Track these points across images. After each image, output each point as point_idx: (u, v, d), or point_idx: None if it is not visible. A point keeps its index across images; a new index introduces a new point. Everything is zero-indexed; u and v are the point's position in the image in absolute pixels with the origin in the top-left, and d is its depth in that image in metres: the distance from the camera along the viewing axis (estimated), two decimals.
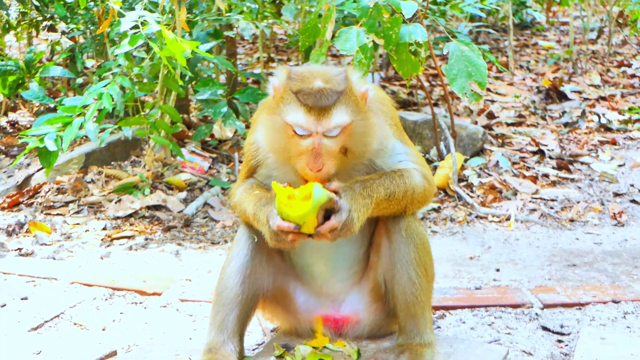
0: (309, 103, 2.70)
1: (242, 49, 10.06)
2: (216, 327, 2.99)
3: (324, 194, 2.65)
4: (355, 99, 2.77)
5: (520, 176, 5.92)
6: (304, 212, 2.64)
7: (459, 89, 4.78)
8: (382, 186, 2.82)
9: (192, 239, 4.89)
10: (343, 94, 2.74)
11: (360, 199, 2.75)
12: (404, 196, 2.87)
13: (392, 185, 2.84)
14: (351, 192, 2.74)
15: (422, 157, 3.10)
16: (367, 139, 2.82)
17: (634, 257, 4.57)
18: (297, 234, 2.69)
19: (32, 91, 5.88)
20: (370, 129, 2.81)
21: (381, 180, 2.84)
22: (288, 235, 2.70)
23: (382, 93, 3.08)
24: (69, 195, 5.45)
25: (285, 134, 2.77)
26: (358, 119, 2.77)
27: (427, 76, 8.54)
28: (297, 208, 2.65)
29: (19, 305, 3.81)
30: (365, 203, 2.76)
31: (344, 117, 2.72)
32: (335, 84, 2.74)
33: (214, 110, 5.52)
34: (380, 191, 2.81)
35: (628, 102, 8.25)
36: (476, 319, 3.63)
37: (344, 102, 2.73)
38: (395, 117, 3.04)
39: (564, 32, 11.89)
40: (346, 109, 2.73)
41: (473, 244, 4.81)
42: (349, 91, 2.76)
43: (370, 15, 4.72)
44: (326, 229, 2.68)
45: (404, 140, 3.04)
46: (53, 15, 7.14)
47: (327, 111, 2.70)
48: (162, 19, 5.05)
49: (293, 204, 2.66)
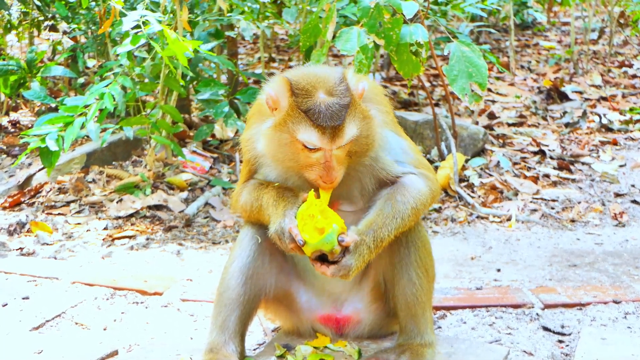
0: (322, 124, 2.69)
1: (243, 49, 10.06)
2: (218, 327, 3.00)
3: (331, 244, 2.67)
4: (359, 107, 2.78)
5: (521, 176, 5.93)
6: (307, 239, 2.68)
7: (459, 90, 4.78)
8: (393, 229, 2.82)
9: (193, 238, 4.89)
10: (350, 107, 2.74)
11: (367, 254, 2.77)
12: (415, 216, 2.90)
13: (402, 221, 2.84)
14: (361, 250, 2.76)
15: (418, 151, 3.09)
16: (370, 139, 2.83)
17: (635, 257, 4.57)
18: (298, 248, 2.72)
19: (34, 91, 5.89)
20: (373, 129, 2.82)
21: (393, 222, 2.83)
22: (291, 243, 2.73)
23: (373, 82, 3.08)
24: (70, 195, 5.46)
25: (293, 148, 2.77)
26: (363, 124, 2.78)
27: (428, 76, 8.54)
28: (308, 230, 2.70)
29: (20, 305, 3.81)
30: (370, 257, 2.79)
31: (354, 131, 2.75)
32: (341, 96, 2.73)
33: (215, 110, 5.52)
34: (391, 235, 2.83)
35: (629, 102, 8.25)
36: (477, 319, 3.63)
37: (352, 114, 2.74)
38: (386, 105, 3.03)
39: (565, 32, 11.88)
40: (354, 121, 2.74)
41: (474, 244, 4.81)
42: (353, 102, 2.76)
43: (371, 16, 4.73)
44: (319, 270, 2.73)
45: (397, 131, 3.04)
46: (54, 15, 7.14)
47: (340, 129, 2.71)
48: (163, 19, 5.05)
49: (307, 222, 2.70)
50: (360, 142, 2.79)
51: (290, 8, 6.63)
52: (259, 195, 2.93)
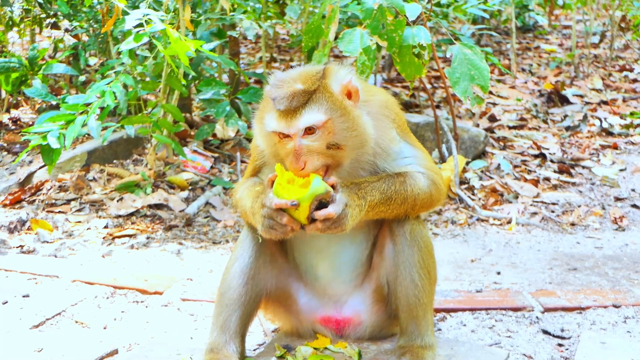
0: (280, 108, 2.74)
1: (244, 48, 10.07)
2: (218, 327, 3.00)
3: (322, 185, 2.69)
4: (331, 95, 2.78)
5: (522, 179, 5.93)
6: (300, 197, 2.67)
7: (461, 93, 4.78)
8: (377, 190, 2.83)
9: (193, 238, 4.89)
10: (316, 93, 2.76)
11: (356, 199, 2.78)
12: (403, 201, 2.88)
13: (389, 190, 2.85)
14: (347, 190, 2.77)
15: (431, 159, 3.08)
16: (356, 133, 2.80)
17: (635, 261, 4.57)
18: (291, 218, 2.71)
19: (35, 88, 5.89)
20: (354, 122, 2.79)
21: (378, 183, 2.85)
22: (283, 217, 2.71)
23: (386, 96, 3.07)
24: (71, 193, 5.46)
25: (272, 140, 2.83)
26: (337, 114, 2.77)
27: (429, 78, 8.54)
28: (294, 192, 2.69)
29: (21, 303, 3.81)
30: (359, 203, 2.78)
31: (316, 116, 2.74)
32: (309, 84, 2.77)
33: (217, 110, 5.52)
34: (375, 195, 2.82)
35: (630, 106, 8.26)
36: (477, 321, 3.63)
37: (317, 100, 2.75)
38: (400, 120, 3.03)
39: (566, 35, 11.90)
40: (319, 107, 2.75)
41: (474, 246, 4.82)
42: (323, 89, 2.77)
43: (374, 17, 4.72)
44: (321, 216, 2.69)
45: (411, 142, 3.04)
46: (56, 12, 7.14)
47: (297, 113, 2.73)
48: (166, 18, 5.05)
49: (291, 188, 2.70)
50: (341, 134, 2.77)
51: (293, 6, 6.64)
52: (238, 202, 3.02)
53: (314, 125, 2.74)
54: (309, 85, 2.76)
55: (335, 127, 2.76)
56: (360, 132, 2.81)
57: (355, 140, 2.81)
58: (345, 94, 2.82)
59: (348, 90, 2.82)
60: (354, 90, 2.83)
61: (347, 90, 2.82)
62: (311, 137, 2.75)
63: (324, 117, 2.75)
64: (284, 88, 2.76)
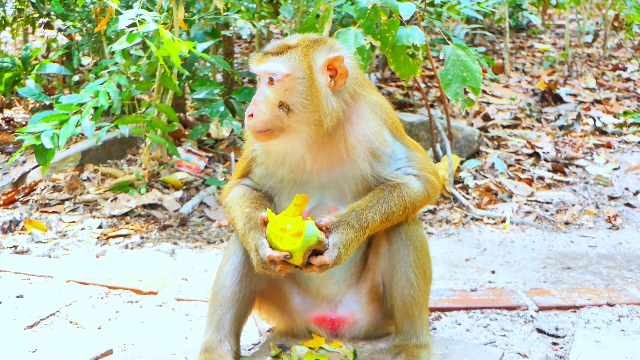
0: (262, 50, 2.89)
1: (238, 48, 10.05)
2: (213, 326, 3.00)
3: (314, 236, 2.68)
4: (305, 57, 2.81)
5: (516, 178, 5.94)
6: (293, 248, 2.68)
7: (452, 95, 4.78)
8: (378, 213, 2.83)
9: (187, 238, 4.89)
10: (292, 49, 2.82)
11: (353, 233, 2.76)
12: (404, 211, 2.90)
13: (389, 208, 2.85)
14: (343, 227, 2.75)
15: (426, 156, 3.07)
16: (308, 102, 2.78)
17: (629, 260, 4.59)
18: (285, 264, 2.72)
19: (28, 88, 5.87)
20: (313, 92, 2.79)
21: (378, 205, 2.84)
22: (277, 265, 2.72)
23: (379, 98, 3.04)
24: (64, 193, 5.44)
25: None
26: (299, 75, 2.79)
27: (423, 77, 8.55)
28: (287, 242, 2.68)
29: (15, 303, 3.80)
30: (357, 236, 2.78)
31: (280, 66, 2.79)
32: (296, 43, 2.84)
33: (211, 110, 5.52)
34: (377, 219, 2.83)
35: (623, 105, 8.29)
36: (472, 320, 3.64)
37: (289, 55, 2.82)
38: (393, 121, 3.01)
39: (559, 35, 11.92)
40: (287, 61, 2.80)
41: (468, 245, 4.82)
42: (303, 50, 2.81)
43: (368, 17, 4.72)
44: (317, 262, 2.70)
45: (405, 143, 3.03)
46: (49, 12, 7.12)
47: (268, 57, 2.83)
48: (159, 18, 5.04)
49: (284, 237, 2.69)
50: (294, 96, 2.78)
51: (287, 5, 6.63)
52: (227, 207, 3.05)
53: (273, 74, 2.79)
54: (295, 43, 2.84)
55: (293, 87, 2.79)
56: (314, 105, 2.79)
57: (305, 111, 2.79)
58: (327, 67, 2.82)
59: (333, 66, 2.81)
60: (342, 71, 2.82)
61: (332, 66, 2.81)
62: (271, 87, 2.80)
63: (285, 70, 2.79)
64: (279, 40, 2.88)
